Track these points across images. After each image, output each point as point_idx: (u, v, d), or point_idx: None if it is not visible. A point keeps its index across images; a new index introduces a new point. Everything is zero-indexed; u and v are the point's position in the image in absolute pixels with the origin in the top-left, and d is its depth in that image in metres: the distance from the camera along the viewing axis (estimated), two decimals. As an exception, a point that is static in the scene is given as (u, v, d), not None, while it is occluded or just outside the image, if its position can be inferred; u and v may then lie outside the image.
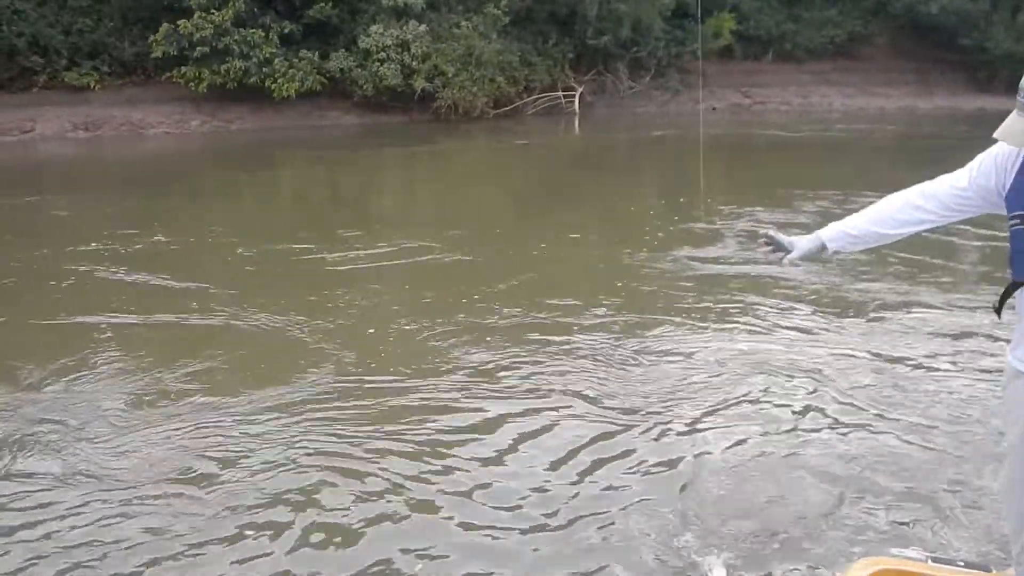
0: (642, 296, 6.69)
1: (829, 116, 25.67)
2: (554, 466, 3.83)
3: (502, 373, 4.98)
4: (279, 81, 21.15)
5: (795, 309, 6.17)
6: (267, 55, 21.17)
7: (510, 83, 23.88)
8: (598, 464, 3.84)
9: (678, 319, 5.96)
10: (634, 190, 13.08)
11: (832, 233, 2.45)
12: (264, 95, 21.42)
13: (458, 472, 3.78)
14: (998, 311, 2.24)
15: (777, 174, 14.37)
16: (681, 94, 27.09)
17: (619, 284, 7.00)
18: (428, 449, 3.99)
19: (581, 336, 5.57)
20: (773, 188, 11.94)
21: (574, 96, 25.34)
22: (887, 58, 30.68)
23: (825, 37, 29.93)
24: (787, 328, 5.73)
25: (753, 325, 5.82)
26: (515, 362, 5.14)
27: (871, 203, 2.48)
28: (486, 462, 3.88)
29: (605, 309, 6.21)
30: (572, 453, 3.94)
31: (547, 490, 3.63)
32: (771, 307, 6.21)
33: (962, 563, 2.65)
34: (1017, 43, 28.35)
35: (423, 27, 22.70)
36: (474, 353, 5.26)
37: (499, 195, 13.32)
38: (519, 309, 6.20)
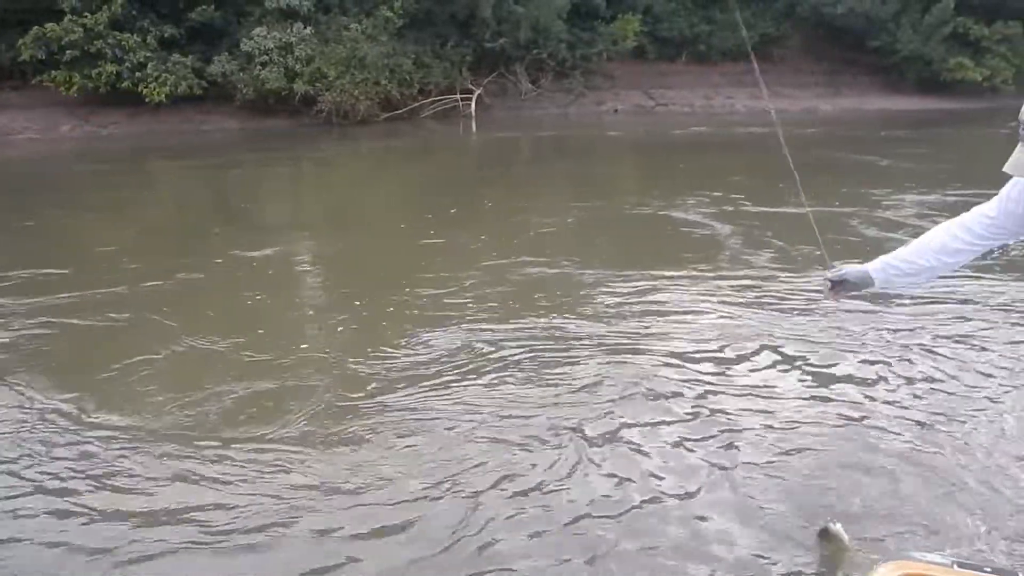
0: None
1: (728, 118, 25.49)
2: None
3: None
4: (152, 85, 20.73)
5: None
6: (141, 59, 20.77)
7: (402, 85, 23.52)
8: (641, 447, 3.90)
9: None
10: (506, 193, 12.88)
11: (877, 264, 2.47)
12: (141, 100, 21.02)
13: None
14: None
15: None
16: (585, 96, 26.87)
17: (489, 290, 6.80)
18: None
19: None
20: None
21: (471, 99, 25.03)
22: (800, 60, 30.58)
23: (738, 39, 29.75)
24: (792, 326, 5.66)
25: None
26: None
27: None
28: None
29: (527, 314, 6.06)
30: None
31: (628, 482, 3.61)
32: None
33: (989, 569, 2.48)
34: (924, 44, 28.31)
35: (308, 30, 22.38)
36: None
37: (371, 201, 12.88)
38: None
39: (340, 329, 5.81)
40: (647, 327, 5.61)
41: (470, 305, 6.19)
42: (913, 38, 28.31)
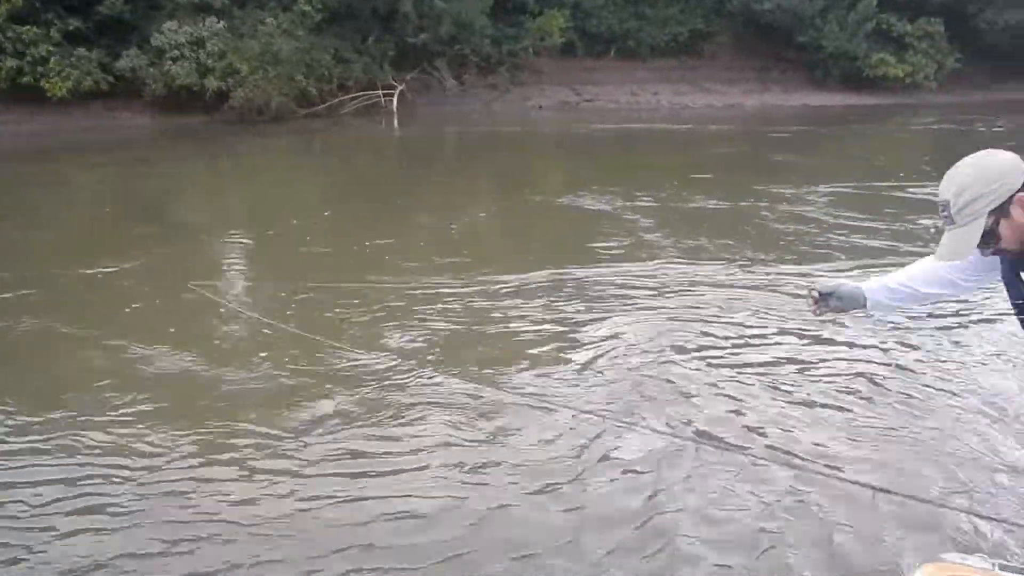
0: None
1: (652, 114, 25.52)
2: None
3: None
4: (54, 80, 20.15)
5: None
6: (43, 53, 20.19)
7: (321, 81, 23.17)
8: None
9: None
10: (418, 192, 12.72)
11: (874, 285, 2.44)
12: (44, 96, 20.43)
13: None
14: None
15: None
16: (511, 92, 26.69)
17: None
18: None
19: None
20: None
21: (393, 94, 24.73)
22: (730, 56, 30.71)
23: (668, 35, 29.82)
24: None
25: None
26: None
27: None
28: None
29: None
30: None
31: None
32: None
33: None
34: (849, 41, 28.55)
35: (221, 24, 21.94)
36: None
37: (279, 200, 12.54)
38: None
39: (289, 326, 5.74)
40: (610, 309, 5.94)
41: (418, 302, 6.22)
42: (839, 35, 28.52)
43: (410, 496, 3.41)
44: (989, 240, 1.95)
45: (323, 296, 6.56)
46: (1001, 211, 1.88)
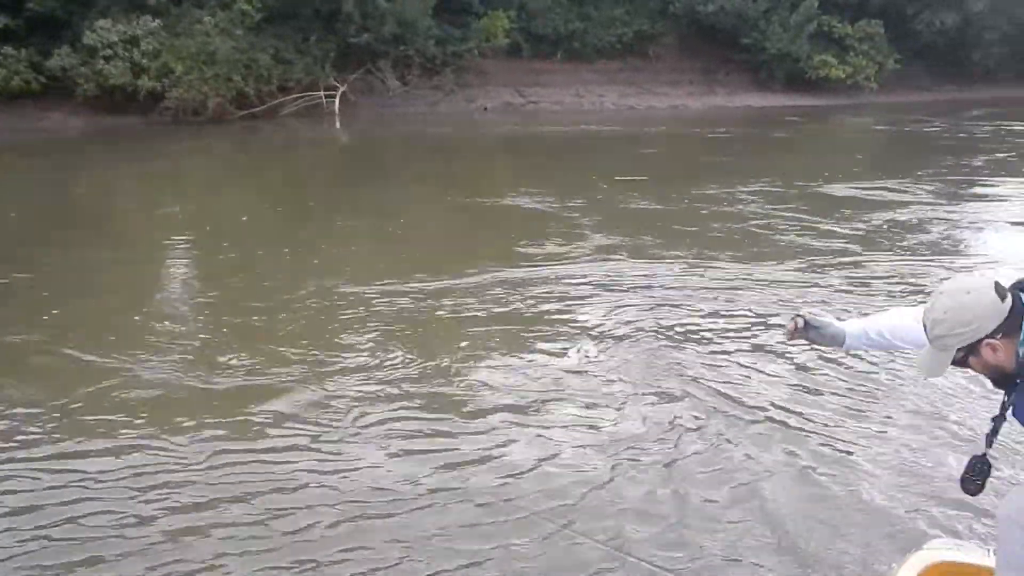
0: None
1: (596, 116, 25.54)
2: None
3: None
4: (-19, 80, 19.56)
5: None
6: (-31, 51, 19.59)
7: (259, 82, 22.72)
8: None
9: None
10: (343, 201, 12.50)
11: (856, 330, 2.47)
12: (-31, 96, 19.81)
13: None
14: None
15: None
16: (456, 94, 26.50)
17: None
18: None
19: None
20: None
21: (335, 96, 24.38)
22: (676, 58, 30.86)
23: (613, 36, 29.83)
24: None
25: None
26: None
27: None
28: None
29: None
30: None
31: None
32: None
33: None
34: (793, 43, 28.86)
35: (156, 22, 21.45)
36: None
37: (209, 206, 12.21)
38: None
39: (226, 329, 5.85)
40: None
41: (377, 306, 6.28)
42: (782, 36, 28.82)
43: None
44: (961, 364, 2.06)
45: (235, 301, 6.42)
46: (970, 350, 1.96)
